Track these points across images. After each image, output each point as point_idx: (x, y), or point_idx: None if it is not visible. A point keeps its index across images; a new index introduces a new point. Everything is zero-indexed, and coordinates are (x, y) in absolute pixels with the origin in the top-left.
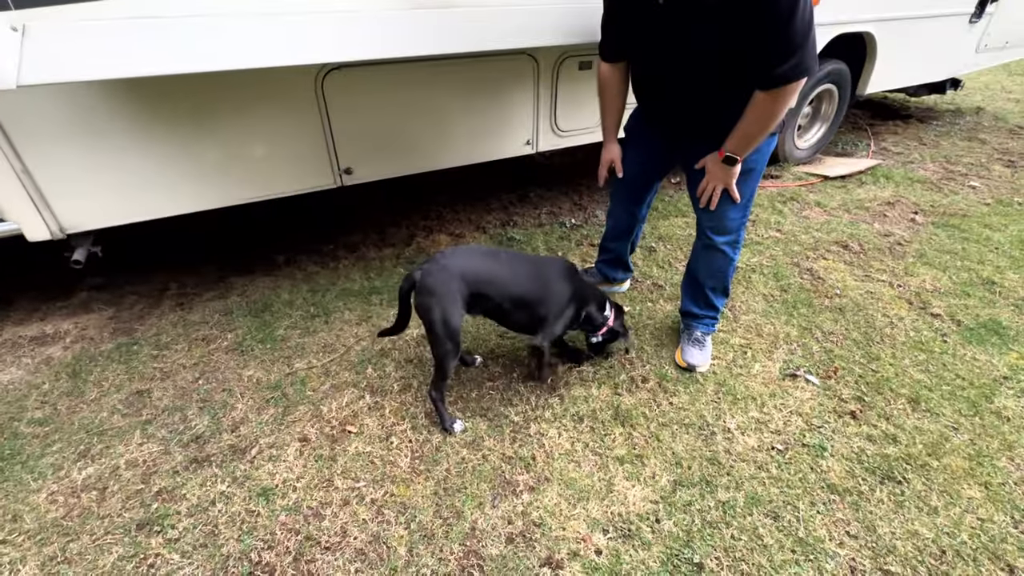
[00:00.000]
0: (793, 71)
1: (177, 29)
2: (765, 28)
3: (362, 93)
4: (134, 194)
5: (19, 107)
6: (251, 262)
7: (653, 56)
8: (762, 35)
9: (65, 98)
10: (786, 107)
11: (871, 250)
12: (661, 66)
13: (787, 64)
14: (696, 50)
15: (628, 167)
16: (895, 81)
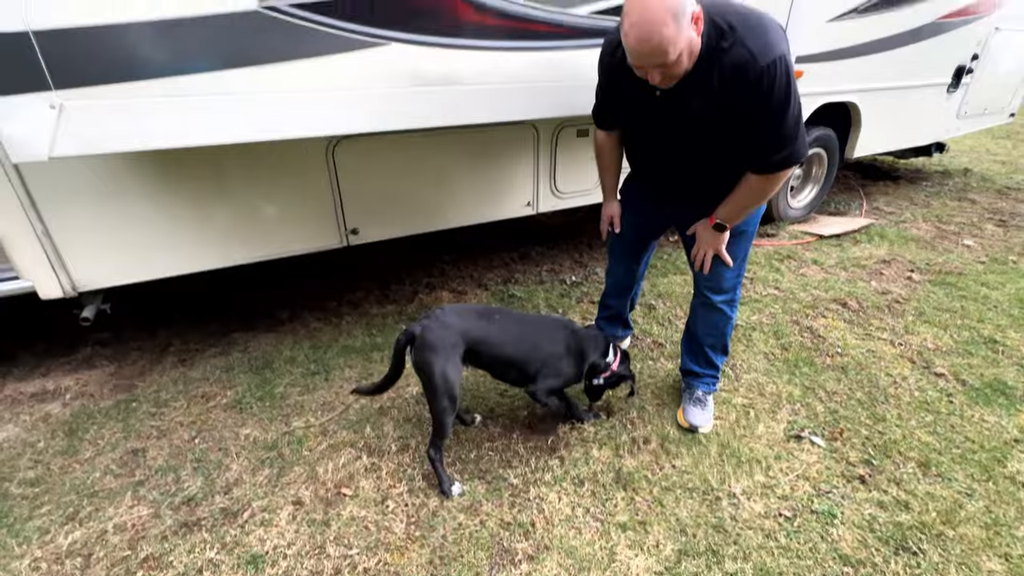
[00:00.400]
0: (787, 160)
1: (198, 107)
2: (760, 124)
3: (370, 158)
4: (147, 253)
5: (46, 172)
6: (255, 318)
7: (648, 135)
8: (757, 130)
9: (88, 163)
10: (778, 187)
11: (870, 308)
12: (655, 143)
13: (781, 154)
14: (691, 137)
15: (624, 227)
16: (881, 145)
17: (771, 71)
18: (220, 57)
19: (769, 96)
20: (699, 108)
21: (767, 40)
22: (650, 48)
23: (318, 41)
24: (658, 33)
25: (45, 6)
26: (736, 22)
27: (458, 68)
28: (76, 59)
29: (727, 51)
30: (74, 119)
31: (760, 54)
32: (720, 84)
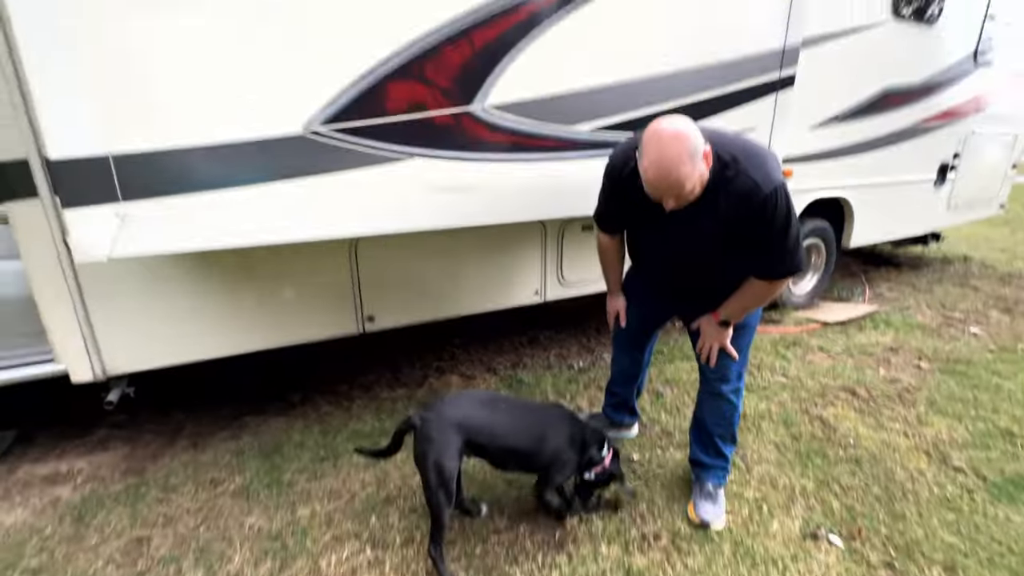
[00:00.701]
0: (789, 270)
1: (245, 213)
2: (764, 243)
3: (389, 251)
4: (175, 338)
5: (97, 266)
6: (267, 401)
7: (652, 242)
8: (762, 248)
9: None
10: (780, 291)
11: (880, 397)
12: (660, 249)
13: (784, 266)
14: (695, 248)
15: (628, 318)
16: (876, 236)
17: (773, 198)
18: (267, 172)
19: (772, 220)
20: (705, 226)
21: (767, 171)
22: (667, 184)
23: (352, 157)
24: (676, 171)
25: (123, 135)
26: (738, 154)
27: (473, 177)
28: (143, 176)
29: (732, 180)
30: (134, 225)
31: (763, 183)
32: (726, 208)
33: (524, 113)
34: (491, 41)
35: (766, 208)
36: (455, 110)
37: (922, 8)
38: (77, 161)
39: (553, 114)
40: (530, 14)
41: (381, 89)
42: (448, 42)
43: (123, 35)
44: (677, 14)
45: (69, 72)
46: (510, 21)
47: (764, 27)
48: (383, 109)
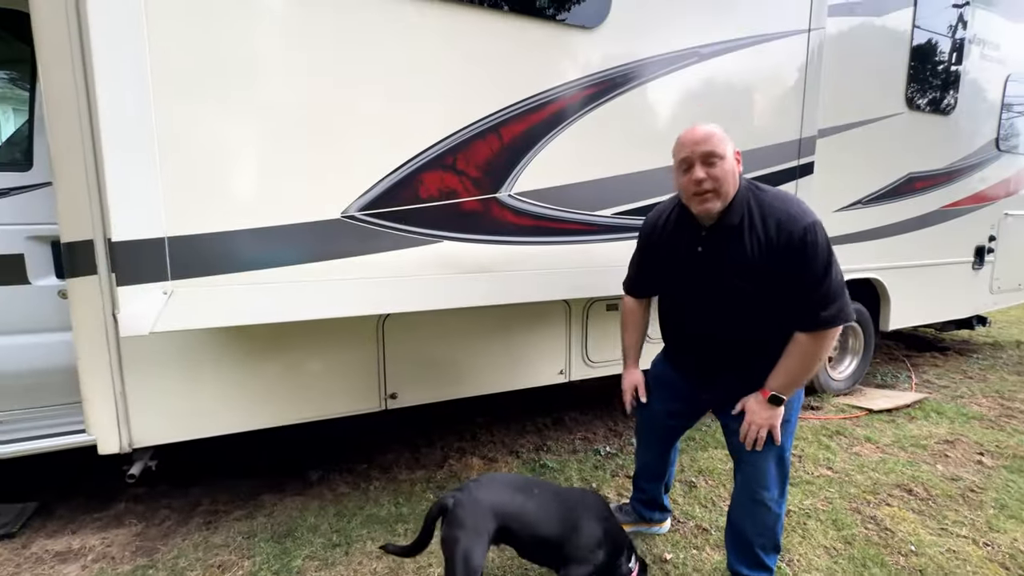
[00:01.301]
0: (836, 317)
1: (285, 291)
2: (805, 282)
3: (414, 329)
4: (201, 412)
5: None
6: (285, 478)
7: (685, 297)
8: (802, 287)
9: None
10: (829, 348)
11: (940, 497)
12: (692, 305)
13: (829, 311)
14: (729, 294)
15: (654, 411)
16: (915, 319)
17: (812, 231)
18: (306, 253)
19: (813, 254)
20: (738, 261)
21: (802, 207)
22: (702, 134)
23: (386, 240)
24: (708, 128)
25: (179, 219)
26: (770, 192)
27: (499, 259)
28: (192, 256)
29: (766, 210)
30: (178, 301)
31: (799, 215)
32: (763, 239)
33: (548, 199)
34: (518, 135)
35: (806, 239)
36: (483, 197)
37: (935, 101)
38: (136, 242)
39: (576, 200)
40: (554, 112)
41: (415, 179)
42: (478, 137)
43: (188, 132)
44: (695, 110)
45: (138, 162)
46: (537, 118)
47: (780, 120)
48: (416, 196)
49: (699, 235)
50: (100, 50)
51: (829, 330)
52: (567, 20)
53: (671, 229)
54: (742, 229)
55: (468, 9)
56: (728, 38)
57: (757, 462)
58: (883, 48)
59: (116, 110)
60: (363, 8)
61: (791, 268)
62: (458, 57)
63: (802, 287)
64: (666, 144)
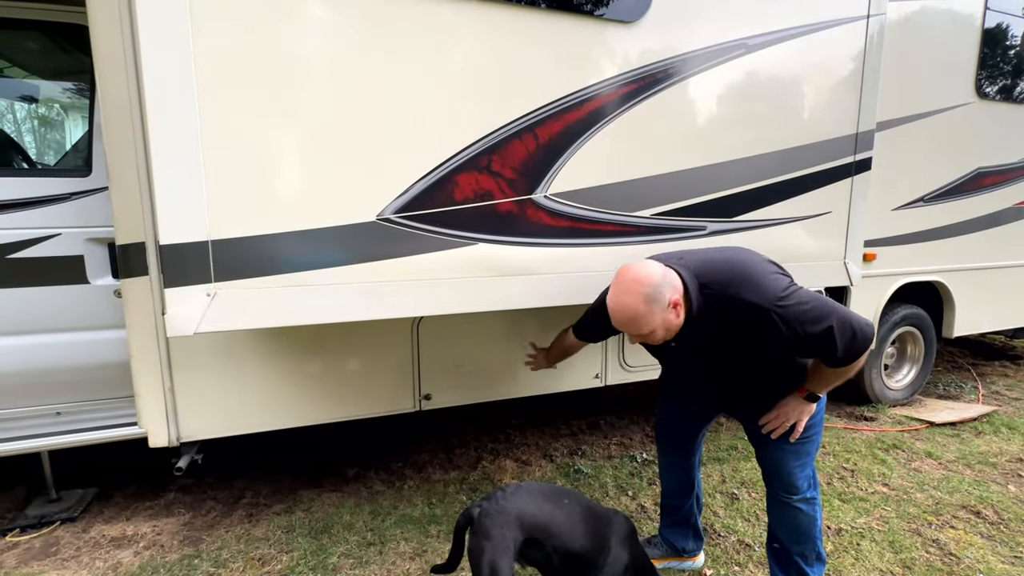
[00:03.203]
0: (852, 352)
1: (324, 293)
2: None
3: (449, 331)
4: (245, 409)
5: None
6: (323, 474)
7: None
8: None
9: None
10: (859, 366)
11: (1013, 521)
12: (695, 371)
13: (840, 351)
14: (731, 360)
15: (670, 418)
16: (983, 325)
17: (781, 310)
18: (344, 255)
19: (795, 327)
20: (723, 348)
21: (763, 290)
22: (622, 320)
23: (421, 242)
24: (631, 310)
25: (220, 222)
26: (724, 280)
27: (534, 261)
28: (234, 259)
29: (733, 305)
30: (221, 303)
31: (764, 301)
32: (737, 331)
33: (585, 200)
34: (555, 135)
35: (780, 321)
36: (519, 198)
37: (1009, 88)
38: (182, 245)
39: (615, 201)
40: (592, 110)
41: (450, 181)
42: (514, 137)
43: (230, 138)
44: (741, 105)
45: (184, 168)
46: (573, 116)
47: (834, 113)
48: (451, 199)
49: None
50: (149, 60)
51: (853, 362)
52: (605, 15)
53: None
54: (712, 332)
55: (504, 7)
56: (778, 28)
57: (775, 462)
58: (950, 33)
59: (163, 118)
60: (400, 10)
61: (783, 343)
62: (493, 56)
63: (798, 349)
64: (710, 142)
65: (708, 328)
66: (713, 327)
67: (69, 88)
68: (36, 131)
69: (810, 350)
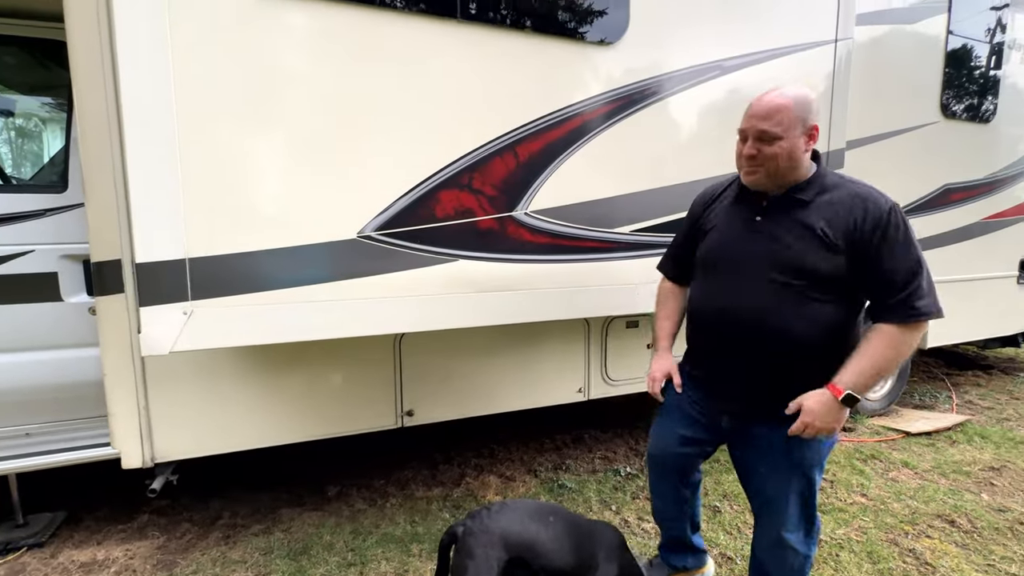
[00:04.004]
0: (933, 307)
1: (296, 310)
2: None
3: (431, 347)
4: (223, 428)
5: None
6: (304, 492)
7: (731, 276)
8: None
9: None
10: (916, 345)
11: (986, 530)
12: (737, 288)
13: (926, 300)
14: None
15: (664, 443)
16: (957, 336)
17: (897, 211)
18: (325, 272)
19: (905, 237)
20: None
21: (883, 192)
22: (766, 108)
23: (402, 259)
24: (780, 101)
25: (199, 240)
26: (854, 179)
27: (515, 277)
28: (212, 277)
29: (847, 188)
30: (197, 322)
31: (883, 195)
32: (841, 214)
33: (566, 217)
34: (535, 153)
35: (890, 221)
36: (500, 215)
37: (973, 108)
38: (159, 264)
39: (594, 217)
40: (572, 129)
41: (431, 198)
42: (495, 155)
43: (209, 156)
44: (716, 124)
45: (162, 185)
46: (554, 135)
47: None
48: (432, 216)
49: (760, 205)
50: (127, 76)
51: (922, 322)
52: (585, 37)
53: (728, 201)
54: (815, 204)
55: (486, 29)
56: (751, 51)
57: (780, 503)
58: (916, 55)
59: (141, 135)
60: (383, 31)
61: (876, 250)
62: (475, 76)
63: (891, 273)
64: (687, 160)
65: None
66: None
67: (48, 103)
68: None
69: (902, 280)
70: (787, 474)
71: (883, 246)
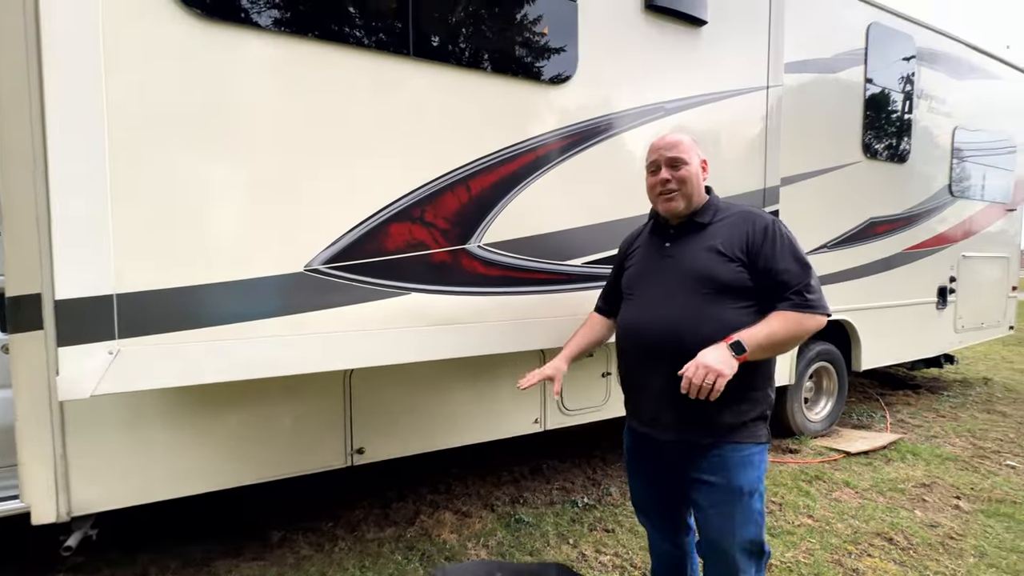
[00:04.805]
0: (821, 304)
1: (236, 347)
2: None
3: (383, 381)
4: (152, 474)
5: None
6: (242, 539)
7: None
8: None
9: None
10: (807, 334)
11: (921, 546)
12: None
13: (815, 295)
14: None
15: (640, 494)
16: (886, 359)
17: (778, 222)
18: (269, 307)
19: (788, 245)
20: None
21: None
22: (670, 141)
23: (352, 293)
24: (678, 136)
25: (129, 274)
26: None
27: (469, 310)
28: (143, 313)
29: (734, 210)
30: (125, 362)
31: (765, 212)
32: (733, 231)
33: (519, 250)
34: (488, 187)
35: (774, 230)
36: (452, 248)
37: (890, 149)
38: (82, 300)
39: (547, 250)
40: (524, 164)
41: (383, 231)
42: (448, 189)
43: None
44: None
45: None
46: (506, 170)
47: (745, 170)
48: (384, 249)
49: (668, 233)
50: (53, 93)
51: (815, 315)
52: (535, 76)
53: (646, 237)
54: (713, 225)
55: (439, 67)
56: (692, 94)
57: (727, 558)
58: (839, 101)
59: (67, 160)
60: (334, 62)
61: (768, 255)
62: (427, 112)
63: (784, 273)
64: (633, 195)
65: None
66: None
67: None
68: None
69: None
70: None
71: (773, 250)
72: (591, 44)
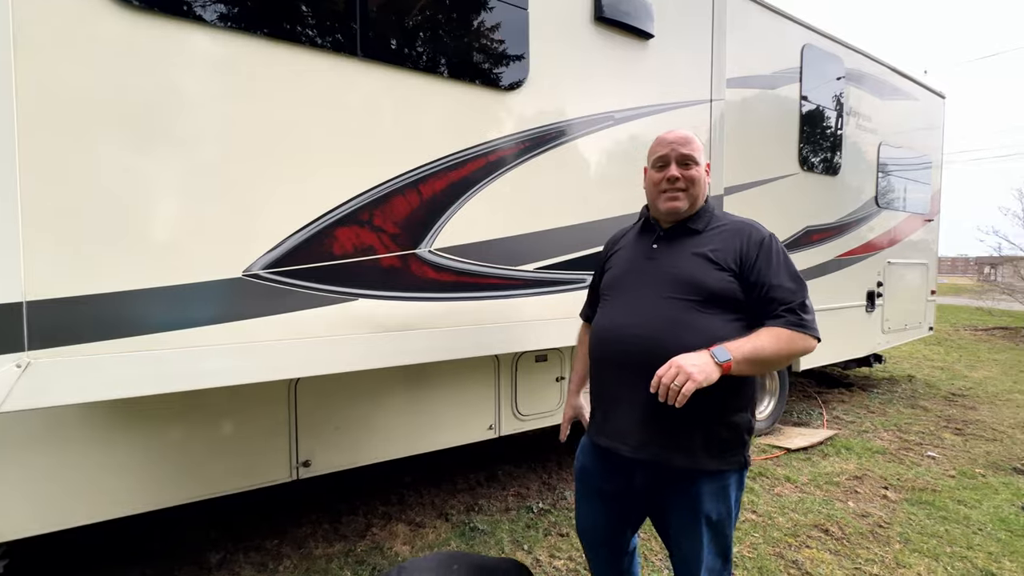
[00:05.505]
0: (814, 325)
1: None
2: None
3: (330, 390)
4: (75, 497)
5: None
6: (176, 564)
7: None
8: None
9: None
10: (797, 354)
11: (853, 535)
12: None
13: (810, 316)
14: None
15: (591, 519)
16: (822, 359)
17: (774, 238)
18: (203, 315)
19: (784, 261)
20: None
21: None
22: (683, 136)
23: (295, 299)
24: (688, 134)
25: (42, 279)
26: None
27: (420, 316)
28: (58, 322)
29: (729, 218)
30: (37, 375)
31: (762, 226)
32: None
33: (470, 255)
34: (438, 192)
35: (771, 246)
36: (402, 253)
37: (824, 162)
38: None
39: (499, 255)
40: (475, 169)
41: (328, 235)
42: (397, 193)
43: (57, 181)
44: (610, 170)
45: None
46: (457, 175)
47: None
48: (329, 253)
49: (658, 235)
50: None
51: (807, 336)
52: (487, 82)
53: (632, 237)
54: (705, 233)
55: (390, 70)
56: (640, 104)
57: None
58: (777, 116)
59: None
60: (281, 62)
61: (761, 269)
62: (377, 115)
63: (777, 289)
64: (585, 201)
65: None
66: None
67: None
68: None
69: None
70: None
71: (767, 265)
72: (542, 52)
